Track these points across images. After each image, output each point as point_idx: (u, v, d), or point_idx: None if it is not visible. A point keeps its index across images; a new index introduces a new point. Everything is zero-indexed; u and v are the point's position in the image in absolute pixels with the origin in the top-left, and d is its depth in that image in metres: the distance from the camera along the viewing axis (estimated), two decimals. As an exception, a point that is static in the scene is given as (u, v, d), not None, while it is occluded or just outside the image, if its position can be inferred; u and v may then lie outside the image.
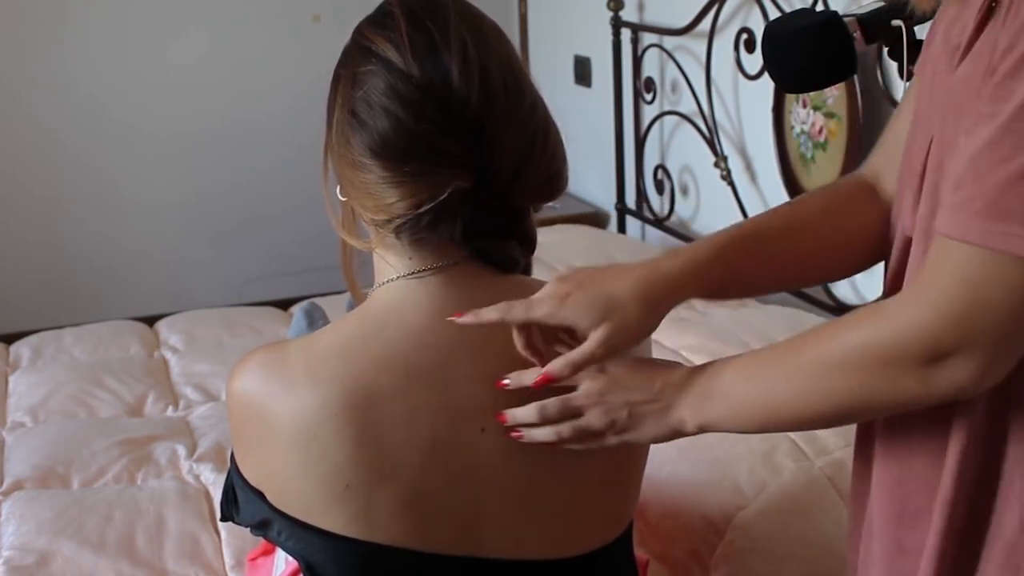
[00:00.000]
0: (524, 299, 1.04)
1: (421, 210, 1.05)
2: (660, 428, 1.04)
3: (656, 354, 1.58)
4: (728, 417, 1.01)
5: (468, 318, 1.05)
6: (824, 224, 1.13)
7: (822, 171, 2.49)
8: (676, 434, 1.04)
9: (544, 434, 1.06)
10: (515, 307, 1.04)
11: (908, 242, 0.99)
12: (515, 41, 3.83)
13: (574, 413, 1.05)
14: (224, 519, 1.23)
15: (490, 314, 1.04)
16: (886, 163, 1.12)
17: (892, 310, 0.89)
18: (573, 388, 1.05)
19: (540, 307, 1.03)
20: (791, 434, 1.81)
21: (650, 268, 1.04)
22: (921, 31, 1.29)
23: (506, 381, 1.07)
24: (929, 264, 0.87)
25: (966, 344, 0.84)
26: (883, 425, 1.02)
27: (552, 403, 1.05)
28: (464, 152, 1.05)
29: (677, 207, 3.18)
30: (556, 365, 1.03)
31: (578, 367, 1.03)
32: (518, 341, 1.06)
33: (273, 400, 1.09)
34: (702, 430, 1.03)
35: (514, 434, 1.08)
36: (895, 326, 0.87)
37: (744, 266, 1.09)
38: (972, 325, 0.83)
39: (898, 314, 0.88)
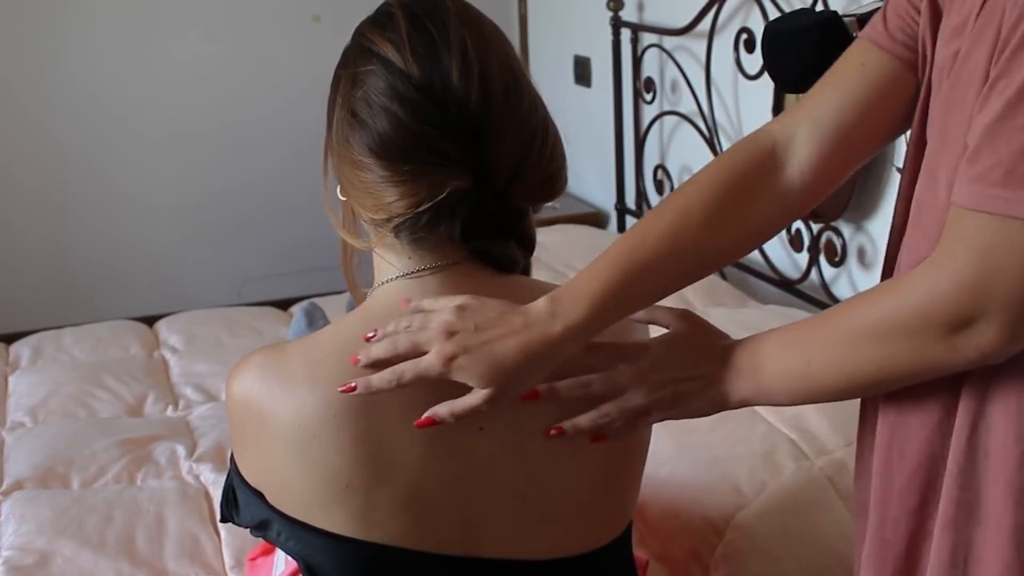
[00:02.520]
0: (410, 362, 1.03)
1: (420, 209, 1.06)
2: (703, 403, 1.06)
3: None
4: (769, 390, 1.03)
5: (361, 365, 1.05)
6: (709, 239, 1.09)
7: (822, 171, 2.48)
8: (719, 408, 1.07)
9: (589, 418, 1.07)
10: (406, 370, 1.03)
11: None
12: (515, 41, 3.84)
13: (618, 391, 1.06)
14: (224, 520, 1.23)
15: (379, 368, 1.04)
16: (808, 120, 1.11)
17: (911, 282, 0.91)
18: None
19: (430, 371, 1.02)
20: (791, 434, 1.81)
21: (543, 328, 1.02)
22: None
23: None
24: (947, 235, 0.89)
25: (987, 310, 0.86)
26: (883, 407, 1.04)
27: (598, 379, 1.06)
28: (463, 152, 1.06)
29: (677, 207, 3.17)
30: (439, 409, 1.04)
31: (459, 416, 1.04)
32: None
33: (273, 401, 1.09)
34: (744, 404, 1.06)
35: (552, 431, 1.08)
36: (914, 297, 0.90)
37: (633, 304, 1.08)
38: (989, 291, 0.85)
39: (917, 285, 0.90)
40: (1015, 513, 0.92)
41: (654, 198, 3.29)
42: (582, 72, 3.62)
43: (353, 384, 1.05)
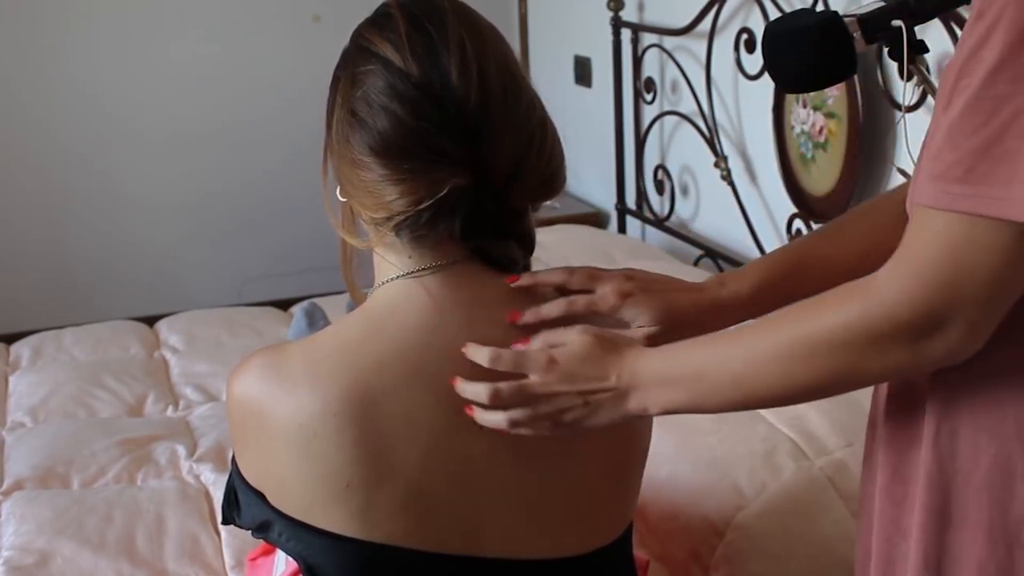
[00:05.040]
0: (586, 295, 1.12)
1: (420, 207, 1.06)
2: (615, 415, 1.05)
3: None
4: (697, 401, 1.01)
5: (525, 279, 1.13)
6: (865, 244, 1.13)
7: (822, 171, 2.49)
8: (635, 416, 1.06)
9: (496, 419, 1.06)
10: (578, 301, 1.11)
11: None
12: (515, 41, 3.84)
13: (527, 400, 1.05)
14: (225, 522, 1.23)
15: (551, 309, 1.11)
16: None
17: (879, 285, 0.89)
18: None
19: (603, 302, 1.11)
20: (791, 434, 1.81)
21: (713, 293, 1.12)
22: (921, 31, 1.29)
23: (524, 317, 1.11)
24: (911, 235, 0.87)
25: (956, 310, 0.85)
26: (885, 412, 1.03)
27: (507, 387, 1.05)
28: (462, 150, 1.06)
29: (677, 207, 3.18)
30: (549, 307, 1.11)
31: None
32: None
33: (273, 401, 1.09)
34: (667, 412, 1.04)
35: (467, 409, 1.07)
36: (884, 300, 0.87)
37: (794, 293, 1.09)
38: (959, 291, 0.84)
39: (886, 288, 0.88)
40: (988, 512, 0.91)
41: (654, 198, 3.29)
42: (582, 72, 3.62)
43: (518, 313, 1.10)
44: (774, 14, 2.53)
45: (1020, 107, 0.78)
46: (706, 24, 2.85)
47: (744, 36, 2.70)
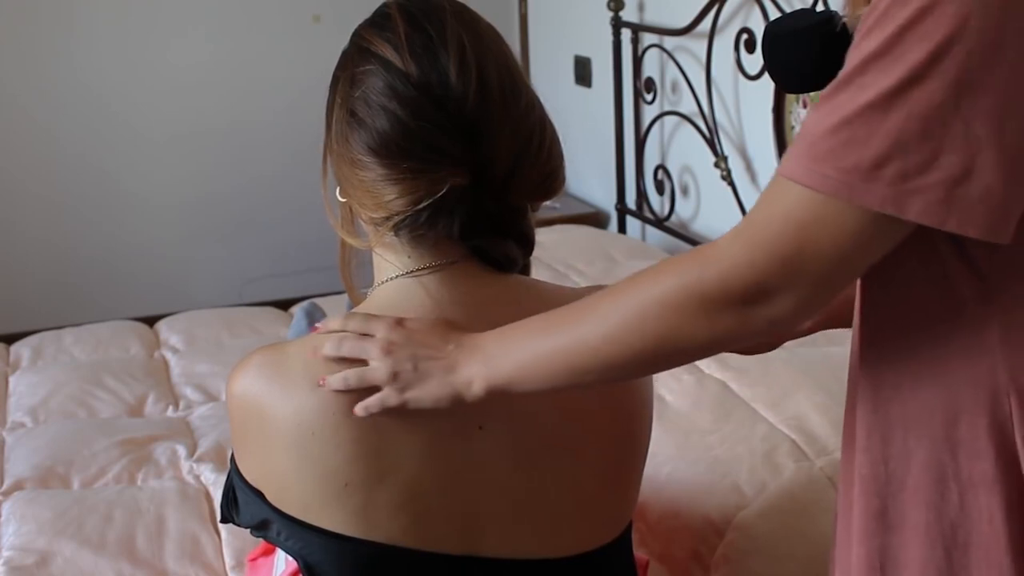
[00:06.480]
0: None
1: (419, 206, 1.06)
2: (443, 388, 1.03)
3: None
4: (523, 373, 1.00)
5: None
6: None
7: (822, 171, 2.48)
8: (460, 397, 1.03)
9: (335, 381, 1.06)
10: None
11: None
12: (515, 41, 3.84)
13: (366, 358, 1.06)
14: (224, 521, 1.23)
15: None
16: None
17: (718, 251, 0.88)
18: None
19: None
20: (791, 434, 1.81)
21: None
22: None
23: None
24: (762, 202, 0.87)
25: (789, 284, 0.84)
26: (845, 415, 1.03)
27: (349, 345, 1.06)
28: (461, 150, 1.06)
29: (677, 207, 3.18)
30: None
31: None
32: None
33: (272, 400, 1.09)
34: (494, 391, 1.02)
35: (320, 382, 1.07)
36: (722, 265, 0.87)
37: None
38: (797, 266, 0.83)
39: (726, 253, 0.87)
40: (924, 515, 0.91)
41: (654, 198, 3.29)
42: (582, 72, 3.62)
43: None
44: (774, 14, 2.53)
45: (873, 98, 0.78)
46: (706, 24, 2.85)
47: (744, 36, 2.70)
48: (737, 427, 1.83)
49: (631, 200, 3.42)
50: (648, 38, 3.17)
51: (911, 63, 0.77)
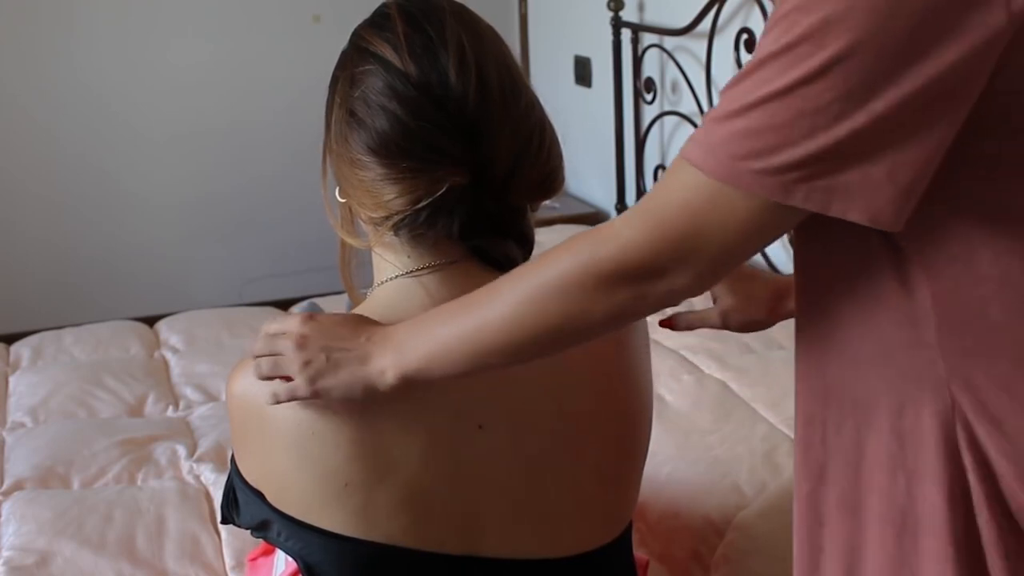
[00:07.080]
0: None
1: (419, 206, 1.06)
2: (355, 378, 1.03)
3: (655, 354, 1.59)
4: (432, 360, 1.00)
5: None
6: None
7: (822, 171, 2.48)
8: (373, 387, 1.03)
9: (253, 369, 1.08)
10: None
11: None
12: (515, 41, 3.84)
13: (279, 351, 1.06)
14: (224, 522, 1.23)
15: None
16: None
17: (614, 229, 0.90)
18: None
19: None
20: (792, 434, 1.81)
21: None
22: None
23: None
24: (662, 183, 0.89)
25: (684, 262, 0.87)
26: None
27: (263, 343, 1.07)
28: (461, 150, 1.06)
29: (677, 207, 3.18)
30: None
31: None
32: None
33: (272, 400, 1.09)
34: (407, 379, 1.02)
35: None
36: (617, 244, 0.89)
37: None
38: (692, 245, 0.86)
39: (621, 232, 0.89)
40: (878, 500, 0.92)
41: (654, 198, 3.28)
42: (582, 72, 3.62)
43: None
44: (774, 14, 2.53)
45: (768, 93, 0.80)
46: (706, 24, 2.85)
47: (744, 36, 2.69)
48: (737, 427, 1.83)
49: (631, 200, 3.42)
50: (648, 38, 3.17)
51: (806, 68, 0.79)
